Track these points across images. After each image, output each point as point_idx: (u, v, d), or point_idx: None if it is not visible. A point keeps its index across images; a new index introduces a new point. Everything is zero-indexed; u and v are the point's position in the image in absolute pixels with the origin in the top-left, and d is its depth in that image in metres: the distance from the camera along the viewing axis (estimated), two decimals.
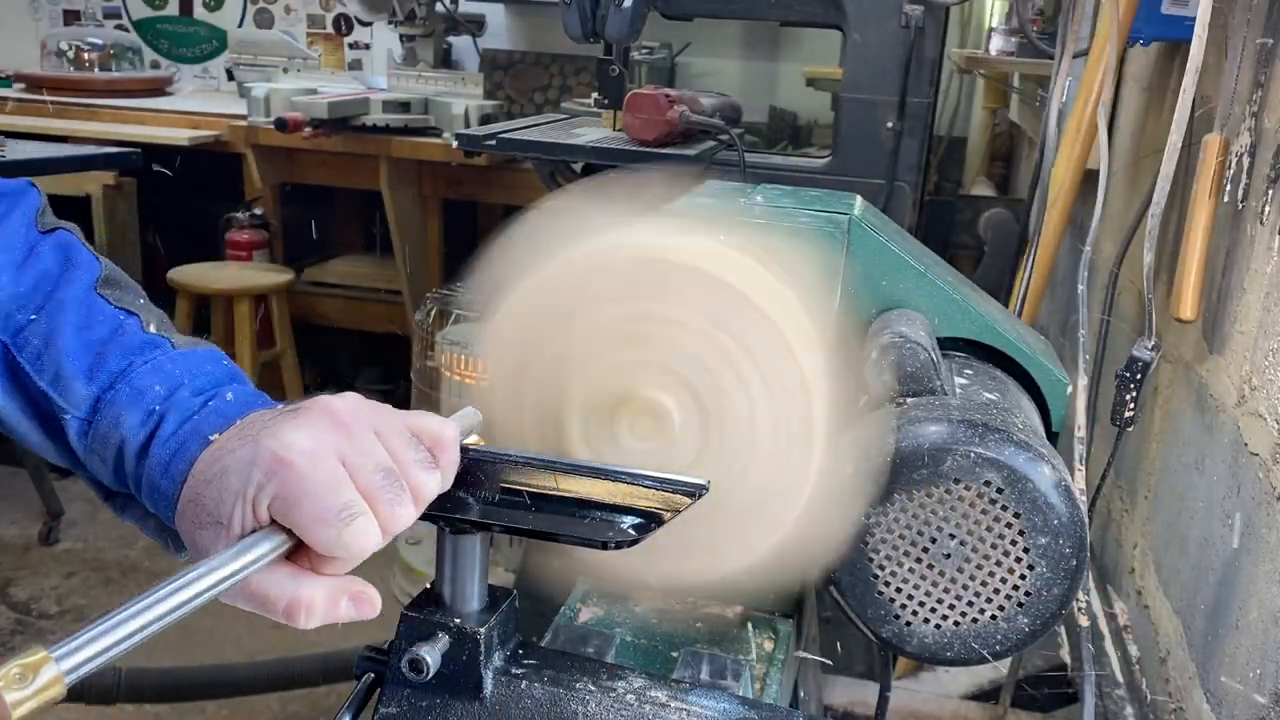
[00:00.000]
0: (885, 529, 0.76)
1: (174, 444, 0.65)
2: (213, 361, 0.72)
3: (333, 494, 0.58)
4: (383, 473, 0.60)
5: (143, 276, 3.18)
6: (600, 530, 0.65)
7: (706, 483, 0.66)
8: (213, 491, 0.61)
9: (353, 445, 0.60)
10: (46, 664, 0.46)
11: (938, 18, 1.91)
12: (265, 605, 0.60)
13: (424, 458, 0.63)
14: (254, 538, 0.58)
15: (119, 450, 0.67)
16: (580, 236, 0.75)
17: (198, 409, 0.67)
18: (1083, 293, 1.33)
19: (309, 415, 0.61)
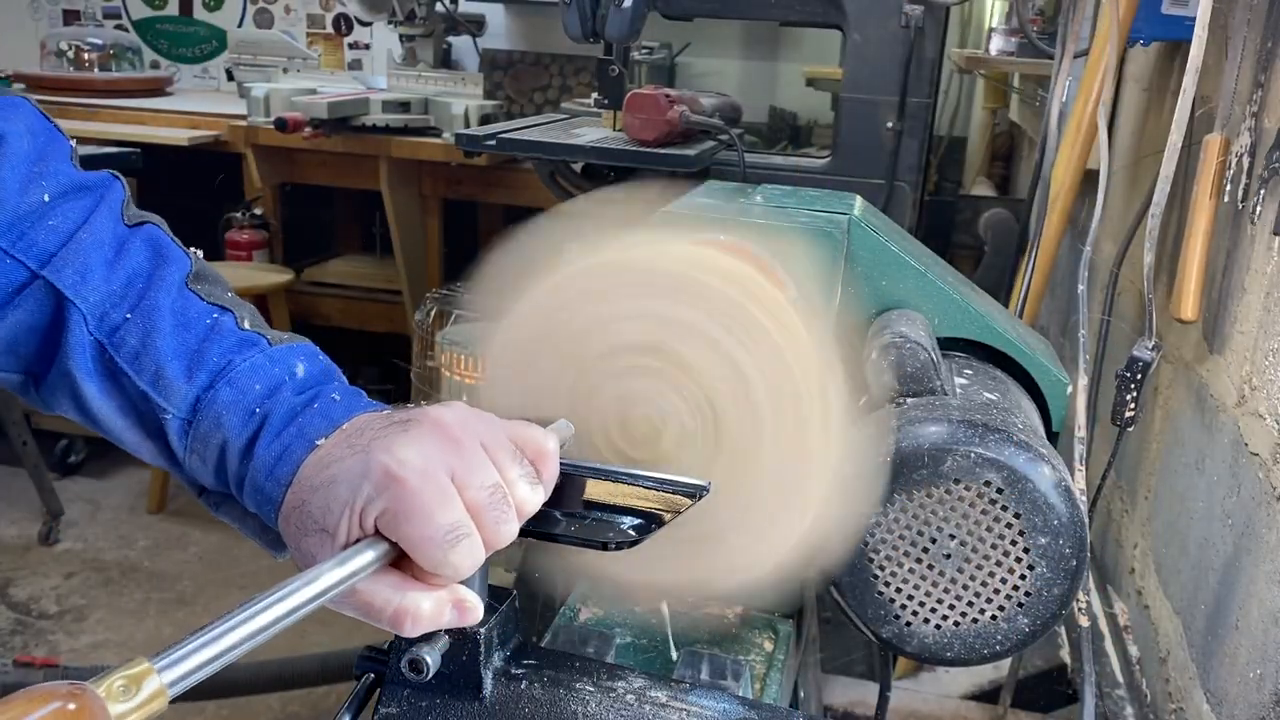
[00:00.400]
0: (885, 529, 0.76)
1: (279, 446, 0.65)
2: (310, 358, 0.71)
3: (442, 513, 0.58)
4: (490, 490, 0.60)
5: None
6: (600, 531, 0.65)
7: (707, 484, 0.66)
8: (320, 499, 0.61)
9: (462, 461, 0.60)
10: (150, 676, 0.45)
11: (938, 18, 1.91)
12: (370, 612, 0.60)
13: (529, 473, 0.63)
14: (358, 547, 0.58)
15: (221, 451, 0.67)
16: (587, 245, 0.75)
17: (301, 409, 0.66)
18: (1083, 293, 1.33)
19: (419, 429, 0.60)
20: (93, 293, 0.68)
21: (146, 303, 0.68)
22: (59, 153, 0.72)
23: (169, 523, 3.07)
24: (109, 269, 0.69)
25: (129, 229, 0.71)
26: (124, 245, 0.70)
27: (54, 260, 0.68)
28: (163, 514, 3.12)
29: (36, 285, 0.68)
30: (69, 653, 2.49)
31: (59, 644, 2.52)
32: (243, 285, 3.15)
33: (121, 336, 0.68)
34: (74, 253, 0.68)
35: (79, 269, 0.68)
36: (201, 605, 2.69)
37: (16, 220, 0.68)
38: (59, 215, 0.69)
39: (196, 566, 2.87)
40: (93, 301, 0.68)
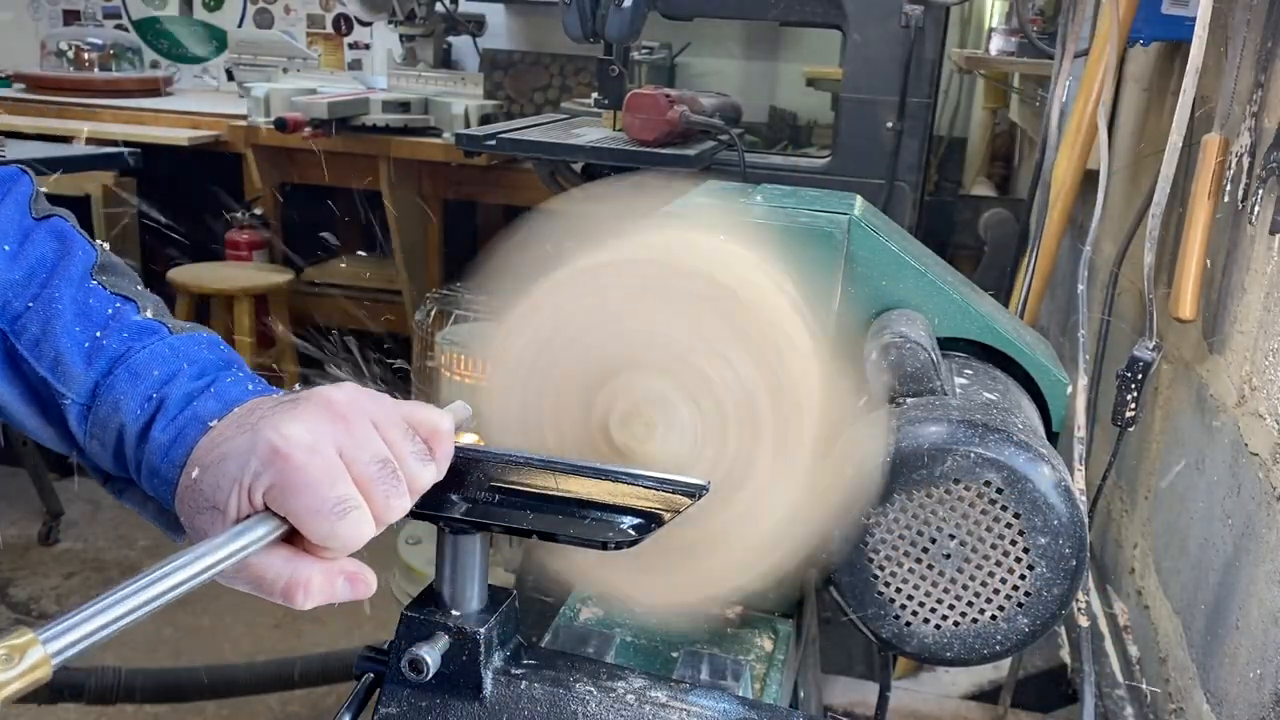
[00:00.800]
0: (885, 529, 0.76)
1: (173, 429, 0.66)
2: (210, 346, 0.72)
3: (328, 487, 0.59)
4: (379, 464, 0.61)
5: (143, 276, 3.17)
6: (600, 530, 0.65)
7: (706, 483, 0.66)
8: (210, 478, 0.62)
9: (350, 437, 0.61)
10: (33, 646, 0.46)
11: (938, 18, 1.91)
12: (262, 586, 0.61)
13: (420, 449, 0.64)
14: (249, 522, 0.59)
15: (119, 434, 0.68)
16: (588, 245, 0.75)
17: (197, 394, 0.67)
18: (1083, 293, 1.33)
19: (307, 406, 0.62)
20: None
21: (48, 292, 0.70)
22: None
23: None
24: (11, 259, 0.70)
25: (35, 221, 0.73)
26: (28, 236, 0.72)
27: None
28: None
29: None
30: None
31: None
32: (243, 285, 3.15)
33: (23, 324, 0.69)
34: None
35: None
36: (201, 605, 2.69)
37: None
38: None
39: None
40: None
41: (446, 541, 0.68)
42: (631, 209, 0.80)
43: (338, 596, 0.62)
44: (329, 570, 0.61)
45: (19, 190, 0.74)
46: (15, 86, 3.70)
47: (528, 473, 0.68)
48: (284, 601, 0.61)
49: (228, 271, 3.27)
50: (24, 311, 0.69)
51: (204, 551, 0.56)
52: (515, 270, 0.75)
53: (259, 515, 0.60)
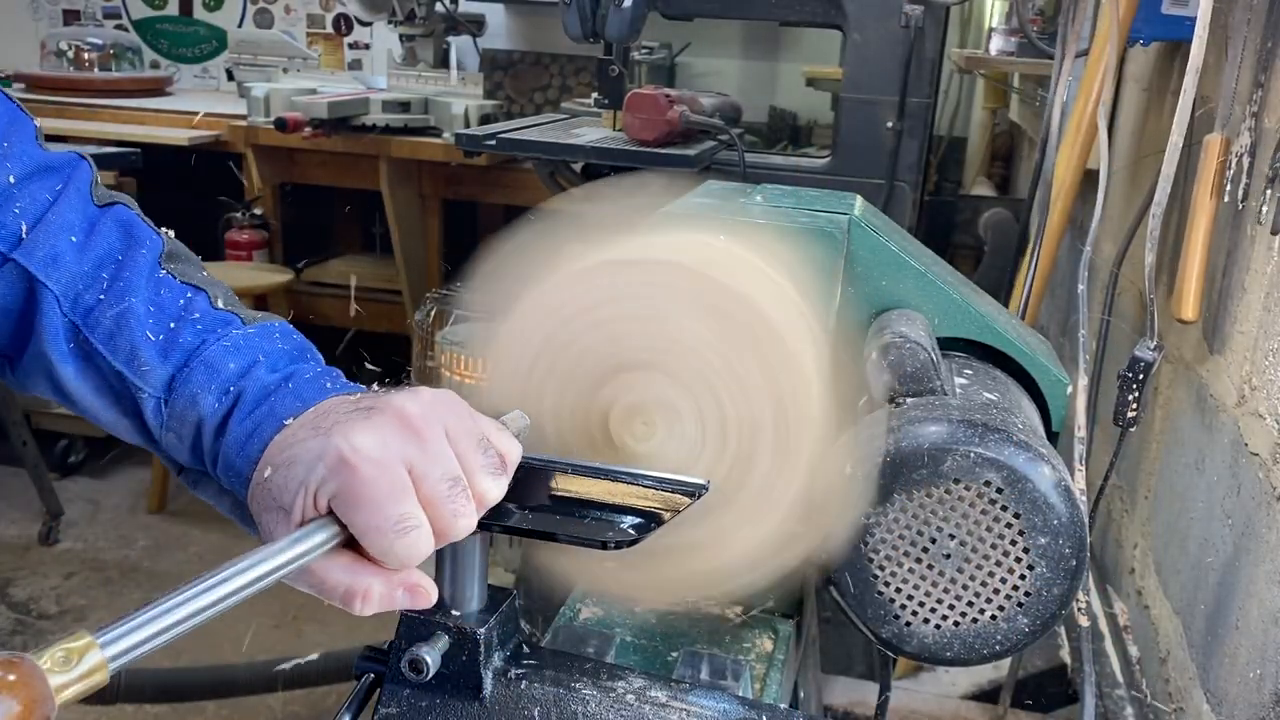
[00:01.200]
0: (885, 529, 0.76)
1: (250, 424, 0.66)
2: (285, 337, 0.72)
3: (392, 504, 0.58)
4: (449, 482, 0.60)
5: None
6: (600, 530, 0.65)
7: (706, 482, 0.66)
8: (279, 478, 0.62)
9: (422, 453, 0.60)
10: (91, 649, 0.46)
11: (938, 18, 1.91)
12: (323, 590, 0.61)
13: (492, 462, 0.63)
14: (310, 527, 0.59)
15: (196, 428, 0.68)
16: (586, 243, 0.75)
17: (273, 388, 0.67)
18: (1083, 293, 1.33)
19: (381, 417, 0.61)
20: (64, 274, 0.68)
21: (120, 284, 0.69)
22: (23, 133, 0.71)
23: (169, 523, 3.07)
24: (80, 250, 0.69)
25: (99, 209, 0.72)
26: (94, 226, 0.71)
27: (24, 243, 0.68)
28: (163, 514, 3.12)
29: (7, 268, 0.68)
30: None
31: None
32: (243, 285, 3.15)
33: (96, 318, 0.68)
34: (43, 234, 0.68)
35: (49, 251, 0.68)
36: None
37: None
38: (26, 197, 0.69)
39: (196, 566, 2.86)
40: (65, 283, 0.68)
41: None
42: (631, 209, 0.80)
43: (397, 605, 0.62)
44: (390, 580, 0.61)
45: (80, 177, 0.72)
46: (15, 86, 3.70)
47: (527, 472, 0.68)
48: (343, 606, 0.61)
49: (228, 271, 3.27)
50: (96, 304, 0.69)
51: (264, 557, 0.56)
52: (515, 269, 0.75)
53: (320, 521, 0.59)
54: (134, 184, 3.34)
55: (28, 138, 0.72)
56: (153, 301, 0.69)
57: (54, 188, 0.70)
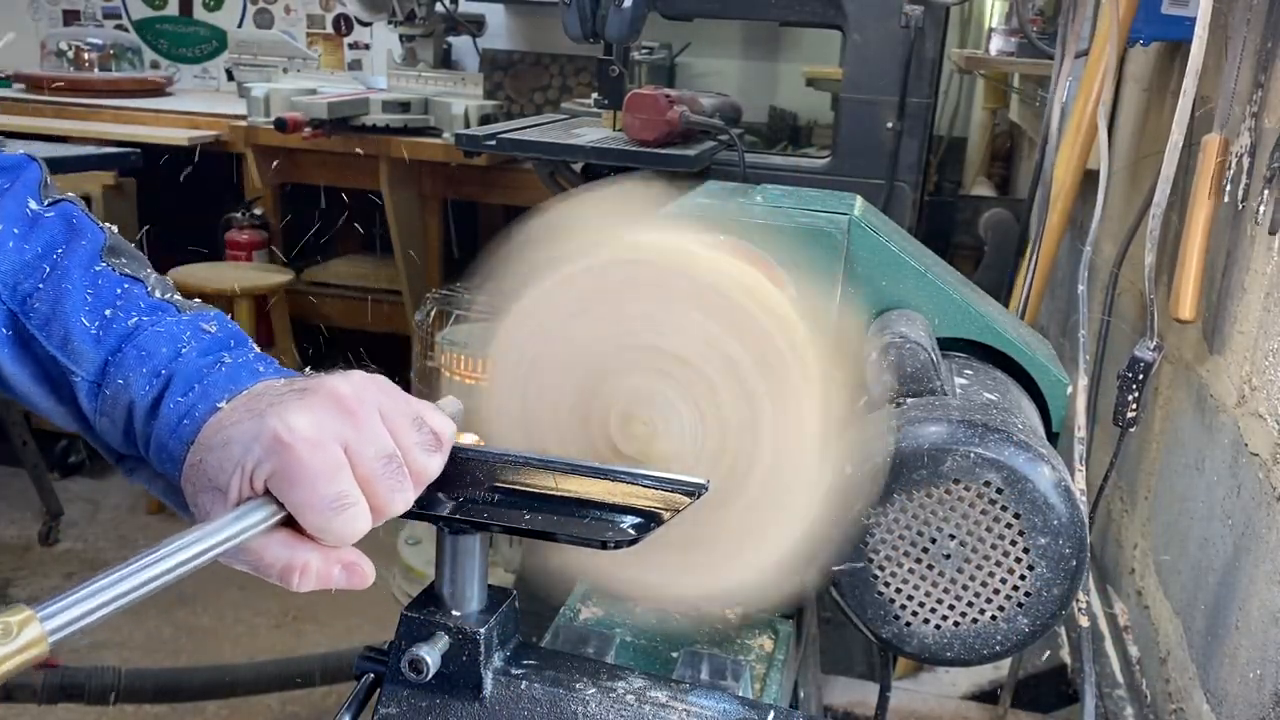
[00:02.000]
0: (885, 529, 0.76)
1: (183, 406, 0.66)
2: (219, 324, 0.73)
3: (328, 483, 0.59)
4: (384, 459, 0.61)
5: None
6: (600, 530, 0.65)
7: (706, 482, 0.66)
8: (214, 459, 0.62)
9: (356, 431, 0.61)
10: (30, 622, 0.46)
11: (938, 18, 1.91)
12: (261, 567, 0.62)
13: (426, 439, 0.64)
14: (248, 506, 0.60)
15: (128, 411, 0.69)
16: (586, 243, 0.75)
17: (206, 371, 0.68)
18: (1083, 293, 1.33)
19: (315, 397, 0.62)
20: (4, 263, 0.70)
21: (57, 272, 0.71)
22: None
23: (169, 523, 3.07)
24: (21, 241, 0.71)
25: (45, 206, 0.74)
26: (37, 220, 0.73)
27: None
28: (163, 514, 3.12)
29: None
30: (69, 653, 2.48)
31: (58, 644, 2.51)
32: (243, 285, 3.15)
33: (33, 304, 0.70)
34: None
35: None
36: (201, 605, 2.69)
37: None
38: None
39: None
40: (4, 271, 0.70)
41: (446, 541, 0.68)
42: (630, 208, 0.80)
43: (335, 583, 0.63)
44: (327, 557, 0.62)
45: (27, 176, 0.75)
46: (15, 86, 3.70)
47: (527, 472, 0.68)
48: (281, 583, 0.62)
49: (228, 271, 3.27)
50: (33, 292, 0.70)
51: (203, 534, 0.57)
52: (514, 269, 0.75)
53: (258, 500, 0.60)
54: (134, 184, 3.34)
55: None
56: (89, 289, 0.71)
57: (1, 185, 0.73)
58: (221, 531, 0.58)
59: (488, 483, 0.68)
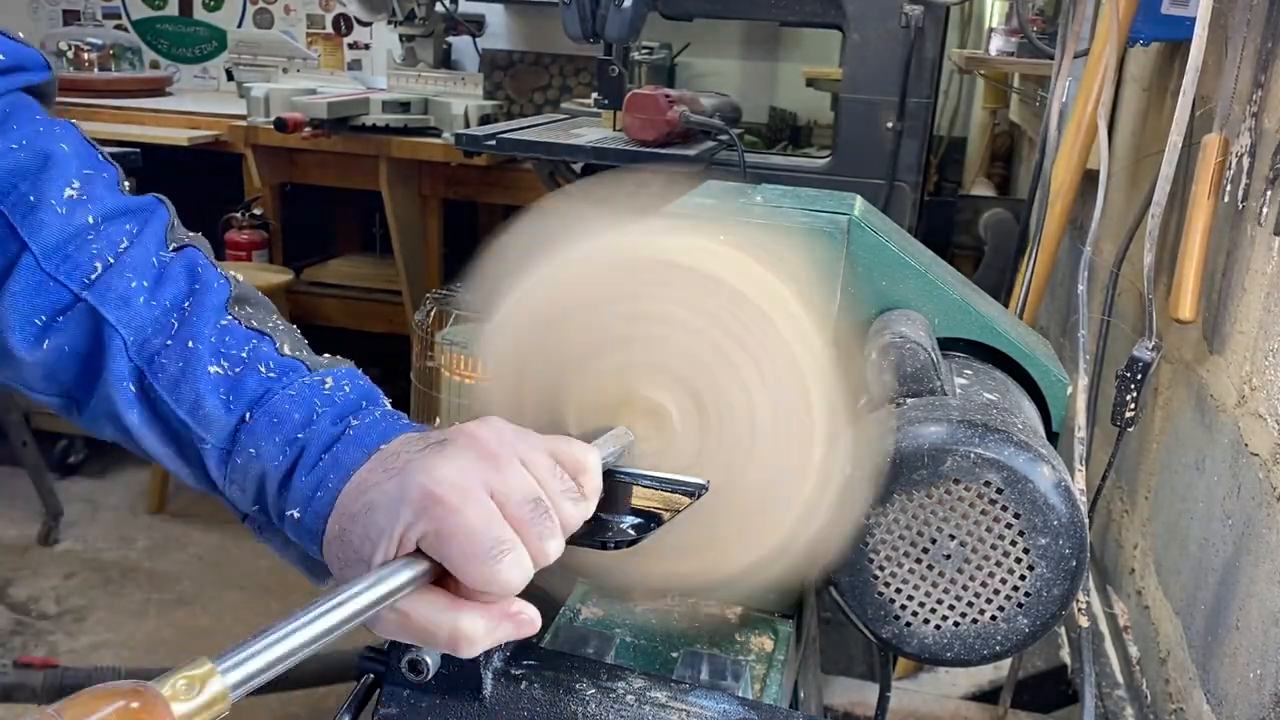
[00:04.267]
0: (885, 529, 0.76)
1: (315, 478, 0.64)
2: (351, 382, 0.70)
3: (485, 530, 0.56)
4: (532, 504, 0.58)
5: None
6: (599, 530, 0.65)
7: (706, 482, 0.66)
8: (359, 528, 0.60)
9: (501, 477, 0.58)
10: (213, 677, 0.45)
11: (938, 18, 1.91)
12: (428, 638, 0.59)
13: (570, 488, 0.61)
14: (398, 563, 0.57)
15: (260, 481, 0.66)
16: (578, 237, 0.75)
17: (338, 438, 0.65)
18: (1083, 293, 1.33)
19: (455, 447, 0.59)
20: (134, 318, 0.67)
21: (185, 330, 0.68)
22: (106, 178, 0.72)
23: (169, 523, 3.08)
24: (150, 294, 0.68)
25: (171, 253, 0.71)
26: (165, 270, 0.70)
27: (96, 284, 0.67)
28: (162, 514, 3.12)
29: (78, 309, 0.67)
30: (68, 654, 2.49)
31: (58, 645, 2.52)
32: None
33: (161, 364, 0.67)
34: (115, 276, 0.68)
35: (121, 293, 0.67)
36: (200, 606, 2.69)
37: (62, 243, 0.68)
38: (103, 239, 0.69)
39: (196, 567, 2.87)
40: (134, 327, 0.67)
41: None
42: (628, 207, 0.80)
43: (503, 638, 0.60)
44: (491, 613, 0.59)
45: (157, 221, 0.72)
46: None
47: None
48: (450, 651, 0.59)
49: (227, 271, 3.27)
50: (161, 349, 0.67)
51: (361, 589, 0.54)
52: (510, 268, 0.75)
53: (406, 558, 0.57)
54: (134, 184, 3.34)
55: (111, 183, 0.72)
56: (218, 349, 0.68)
57: (130, 231, 0.70)
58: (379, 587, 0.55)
59: None
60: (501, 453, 0.59)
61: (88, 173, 0.71)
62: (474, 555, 0.56)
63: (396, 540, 0.57)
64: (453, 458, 0.58)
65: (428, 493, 0.57)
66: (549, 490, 0.60)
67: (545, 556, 0.59)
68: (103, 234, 0.69)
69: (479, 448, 0.59)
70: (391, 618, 0.58)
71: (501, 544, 0.56)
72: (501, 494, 0.58)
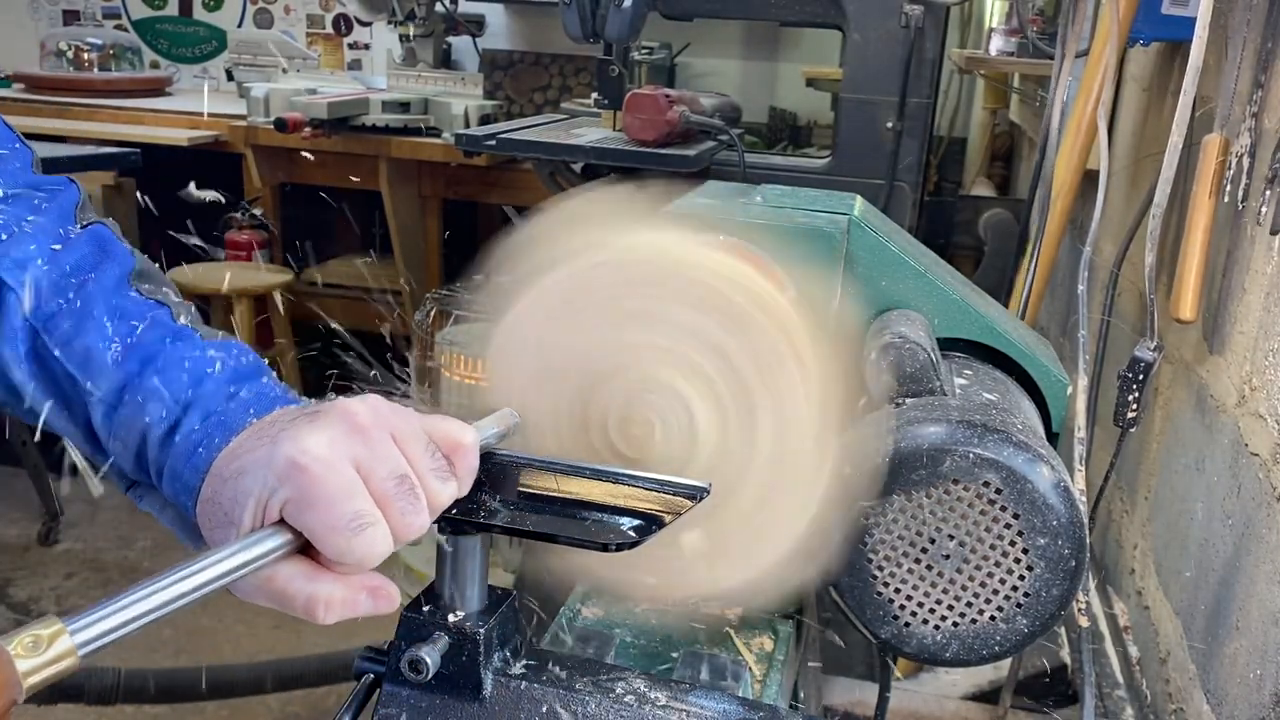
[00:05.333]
0: (884, 530, 0.76)
1: (198, 436, 0.66)
2: (241, 354, 0.72)
3: (345, 502, 0.58)
4: (397, 480, 0.60)
5: None
6: (601, 532, 0.65)
7: (708, 485, 0.66)
8: (229, 492, 0.61)
9: (369, 451, 0.60)
10: (61, 635, 0.46)
11: (938, 18, 1.91)
12: (285, 602, 0.61)
13: (440, 466, 0.63)
14: (261, 533, 0.59)
15: (142, 436, 0.68)
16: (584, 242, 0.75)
17: (223, 401, 0.67)
18: (1083, 293, 1.33)
19: (327, 419, 0.61)
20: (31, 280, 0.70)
21: (84, 293, 0.71)
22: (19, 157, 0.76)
23: None
24: (51, 260, 0.72)
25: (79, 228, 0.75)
26: (69, 240, 0.73)
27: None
28: None
29: None
30: None
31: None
32: (243, 285, 3.15)
33: (56, 323, 0.70)
34: (17, 243, 0.71)
35: (20, 257, 0.71)
36: (200, 606, 2.68)
37: None
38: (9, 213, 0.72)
39: None
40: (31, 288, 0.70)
41: (446, 542, 0.68)
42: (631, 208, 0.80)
43: (360, 611, 0.61)
44: (350, 584, 0.60)
45: (64, 197, 0.76)
46: (15, 86, 3.70)
47: (528, 474, 0.68)
48: (306, 616, 0.61)
49: (228, 272, 3.27)
50: (58, 311, 0.70)
51: (221, 557, 0.56)
52: (512, 270, 0.75)
53: (271, 528, 0.59)
54: (134, 184, 3.34)
55: (25, 163, 0.76)
56: (113, 312, 0.71)
57: (38, 206, 0.74)
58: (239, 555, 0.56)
59: (489, 484, 0.68)
60: (372, 428, 0.61)
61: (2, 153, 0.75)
62: (333, 526, 0.58)
63: (261, 506, 0.59)
64: (323, 429, 0.60)
65: (293, 462, 0.58)
66: (418, 467, 0.61)
67: (408, 533, 0.60)
68: (10, 207, 0.73)
69: (350, 421, 0.61)
70: (253, 581, 0.59)
71: (361, 517, 0.58)
72: (367, 468, 0.59)
